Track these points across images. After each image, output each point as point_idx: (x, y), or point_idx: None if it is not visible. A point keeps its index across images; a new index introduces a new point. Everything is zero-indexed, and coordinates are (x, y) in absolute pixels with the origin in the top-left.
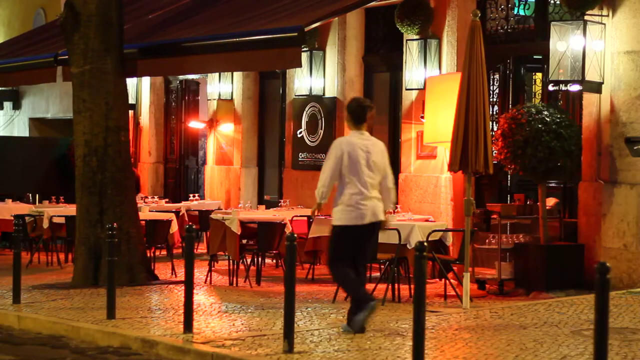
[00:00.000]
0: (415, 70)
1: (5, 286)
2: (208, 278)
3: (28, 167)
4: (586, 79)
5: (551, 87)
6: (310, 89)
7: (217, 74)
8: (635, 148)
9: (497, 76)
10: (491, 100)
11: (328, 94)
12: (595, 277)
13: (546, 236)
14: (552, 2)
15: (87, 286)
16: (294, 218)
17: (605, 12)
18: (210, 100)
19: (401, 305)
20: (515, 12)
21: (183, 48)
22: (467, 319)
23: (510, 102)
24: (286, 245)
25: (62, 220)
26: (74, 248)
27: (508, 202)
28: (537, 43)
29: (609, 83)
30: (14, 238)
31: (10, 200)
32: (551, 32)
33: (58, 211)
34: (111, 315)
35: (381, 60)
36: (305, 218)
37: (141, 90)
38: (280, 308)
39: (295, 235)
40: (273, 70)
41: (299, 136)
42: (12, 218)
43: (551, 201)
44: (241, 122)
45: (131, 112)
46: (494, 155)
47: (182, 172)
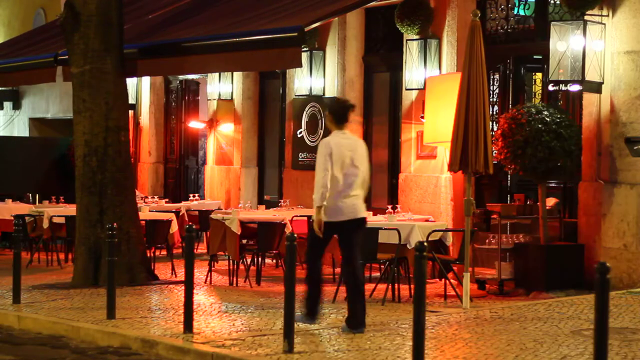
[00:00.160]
0: (415, 70)
1: (5, 286)
2: (208, 278)
3: (28, 167)
4: (586, 79)
5: (551, 87)
6: (310, 89)
7: (217, 74)
8: (635, 148)
9: (497, 76)
10: (491, 100)
11: (328, 94)
12: (595, 277)
13: (546, 236)
14: (552, 2)
15: (87, 286)
16: (294, 218)
17: (605, 12)
18: (210, 100)
19: (401, 305)
20: (515, 12)
21: (183, 48)
22: (467, 319)
23: (510, 102)
24: (286, 245)
25: (62, 220)
26: (74, 248)
27: (508, 202)
28: (537, 43)
29: (609, 83)
30: (14, 238)
31: (10, 200)
32: (551, 32)
33: (58, 211)
34: (111, 315)
35: (381, 60)
36: (305, 218)
37: (141, 90)
38: (280, 308)
39: (295, 235)
40: (273, 70)
41: (299, 136)
42: (12, 218)
43: (551, 201)
44: (241, 122)
45: (131, 112)
46: (494, 155)
47: (182, 172)
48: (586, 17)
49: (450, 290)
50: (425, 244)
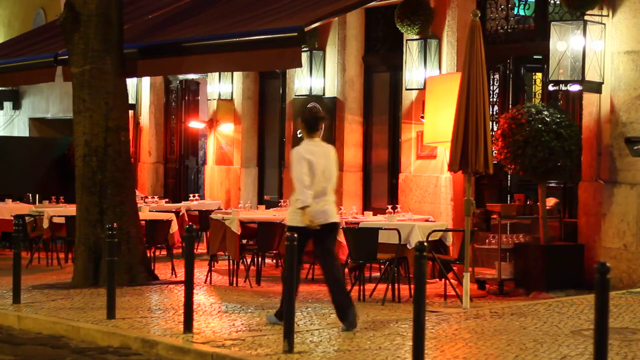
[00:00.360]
0: (415, 70)
1: (5, 286)
2: (208, 278)
3: (28, 167)
4: (586, 79)
5: (551, 87)
6: (310, 89)
7: (217, 74)
8: (635, 148)
9: (497, 76)
10: (491, 100)
11: (328, 94)
12: (595, 277)
13: (546, 236)
14: (552, 2)
15: (87, 286)
16: None
17: (605, 12)
18: (210, 100)
19: (401, 305)
20: (515, 12)
21: (183, 48)
22: (467, 319)
23: (510, 102)
24: (286, 245)
25: (62, 220)
26: (74, 248)
27: (508, 202)
28: (537, 43)
29: (609, 83)
30: (14, 238)
31: (10, 200)
32: (551, 32)
33: (58, 211)
34: (111, 315)
35: (381, 60)
36: None
37: (141, 90)
38: None
39: (295, 235)
40: (273, 70)
41: (299, 136)
42: (12, 218)
43: (551, 201)
44: (241, 122)
45: (131, 112)
46: (494, 155)
47: (182, 172)
48: (586, 17)
49: (450, 290)
50: (425, 244)
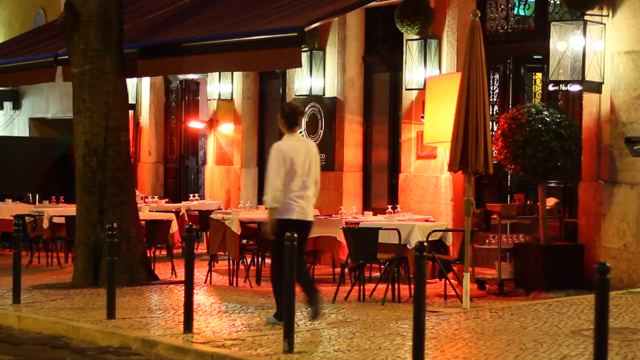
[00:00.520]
0: (415, 70)
1: (5, 286)
2: (208, 278)
3: (28, 167)
4: (586, 79)
5: (551, 87)
6: (310, 89)
7: (217, 74)
8: (635, 148)
9: (497, 76)
10: (491, 100)
11: (328, 94)
12: (595, 277)
13: (546, 236)
14: (552, 2)
15: (87, 286)
16: None
17: (605, 12)
18: (210, 100)
19: (401, 305)
20: (515, 12)
21: (183, 48)
22: (467, 319)
23: (510, 102)
24: (286, 245)
25: (62, 220)
26: (74, 248)
27: (508, 202)
28: (537, 43)
29: (609, 83)
30: (14, 238)
31: (10, 200)
32: (551, 32)
33: (58, 211)
34: (111, 315)
35: (381, 60)
36: None
37: (141, 90)
38: None
39: (295, 235)
40: (273, 70)
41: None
42: (12, 218)
43: (551, 201)
44: (241, 122)
45: (131, 112)
46: (494, 155)
47: (182, 172)
48: (586, 17)
49: (450, 290)
50: (425, 244)
